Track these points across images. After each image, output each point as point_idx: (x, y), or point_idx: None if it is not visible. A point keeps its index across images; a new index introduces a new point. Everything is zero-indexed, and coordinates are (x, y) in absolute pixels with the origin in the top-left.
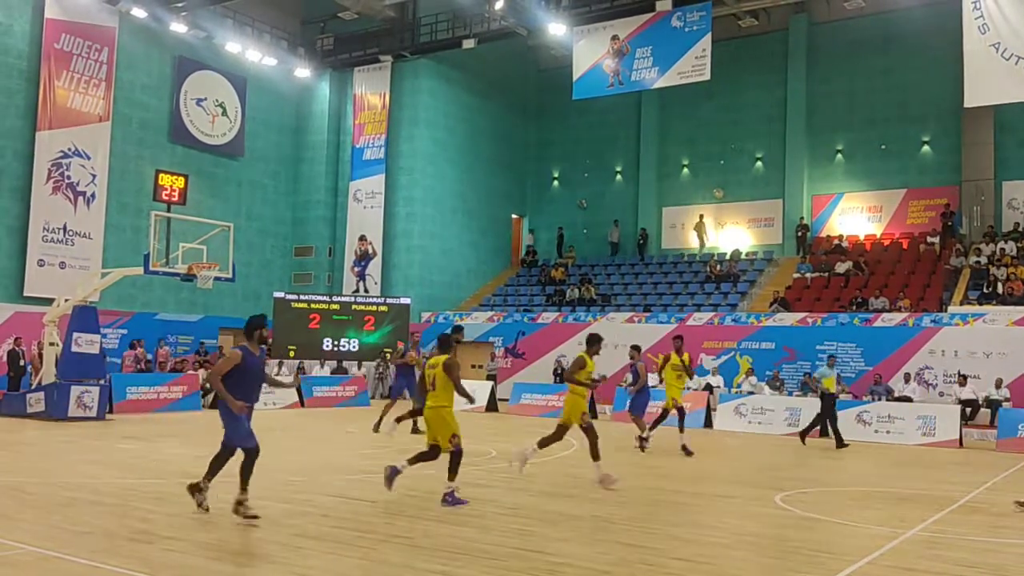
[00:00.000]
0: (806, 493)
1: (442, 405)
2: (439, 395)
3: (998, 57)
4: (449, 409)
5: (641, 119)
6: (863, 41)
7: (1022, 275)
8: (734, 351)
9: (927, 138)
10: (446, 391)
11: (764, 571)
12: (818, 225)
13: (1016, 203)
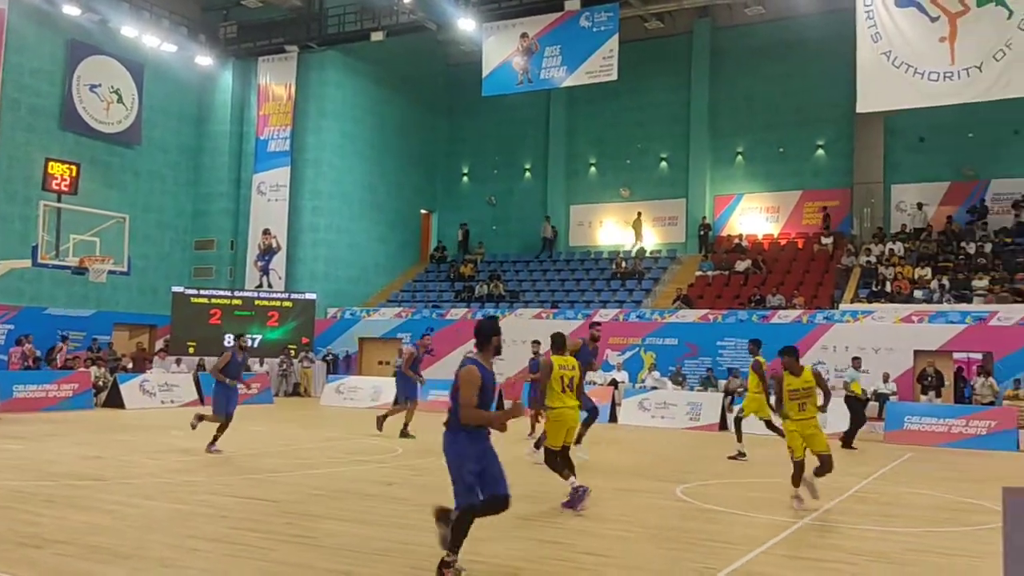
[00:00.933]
0: (707, 485)
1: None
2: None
3: (889, 65)
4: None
5: (550, 117)
6: (763, 47)
7: (908, 274)
8: (639, 347)
9: (822, 142)
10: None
11: (668, 563)
12: (719, 224)
13: (904, 205)
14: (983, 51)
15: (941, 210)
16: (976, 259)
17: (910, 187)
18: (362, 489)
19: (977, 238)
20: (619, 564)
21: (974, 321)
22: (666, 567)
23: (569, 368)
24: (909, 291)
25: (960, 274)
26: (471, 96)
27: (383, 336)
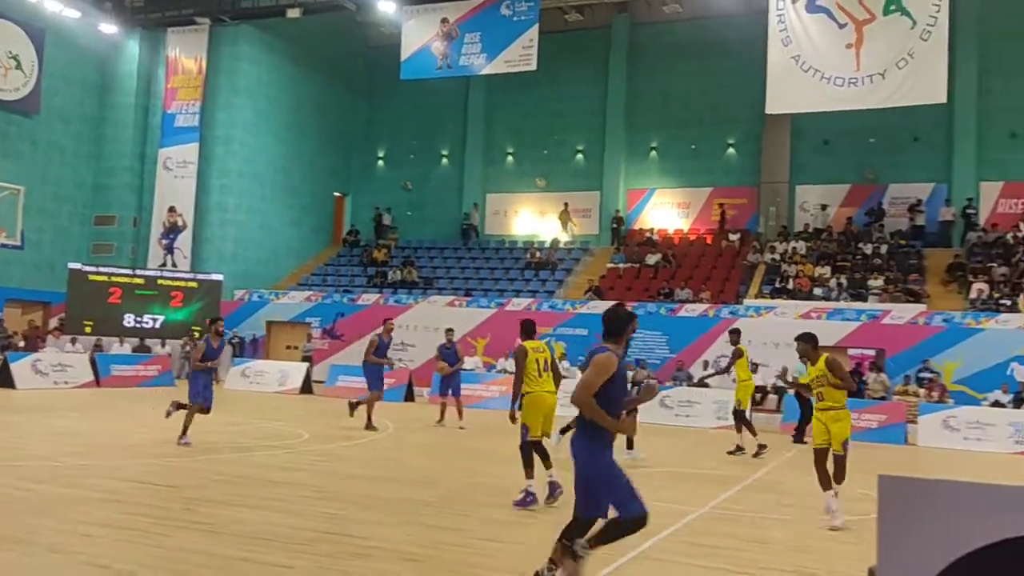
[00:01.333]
0: None
1: (547, 390)
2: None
3: (798, 69)
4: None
5: (469, 104)
6: (680, 45)
7: (810, 272)
8: (550, 336)
9: (733, 141)
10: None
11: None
12: (632, 218)
13: (807, 205)
14: (887, 59)
15: (842, 211)
16: (872, 260)
17: (814, 188)
18: (266, 475)
19: (874, 239)
20: (518, 549)
21: (868, 319)
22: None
23: (541, 351)
24: (809, 288)
25: (857, 273)
26: (389, 79)
27: (292, 320)
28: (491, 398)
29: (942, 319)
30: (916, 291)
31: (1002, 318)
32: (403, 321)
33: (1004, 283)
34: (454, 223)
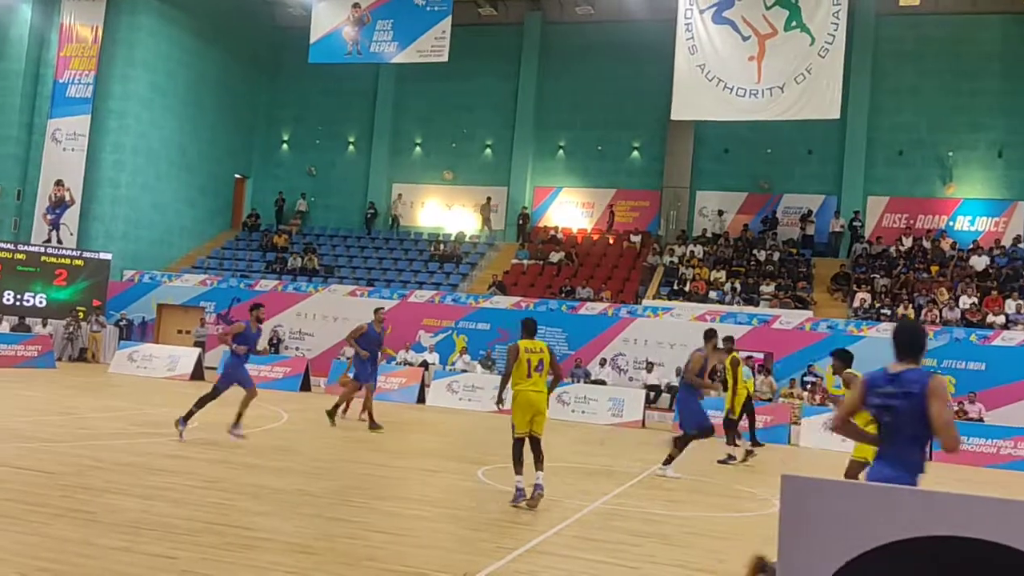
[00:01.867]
0: (506, 468)
1: (536, 389)
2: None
3: (703, 77)
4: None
5: (378, 91)
6: (590, 46)
7: (705, 276)
8: (451, 330)
9: (637, 144)
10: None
11: (461, 542)
12: (538, 215)
13: (706, 211)
14: (786, 73)
15: (738, 218)
16: (765, 266)
17: (713, 194)
18: (150, 463)
19: (767, 247)
20: (412, 543)
21: (759, 323)
22: (459, 546)
23: (537, 351)
24: (705, 291)
25: (750, 279)
26: (296, 61)
27: (184, 304)
28: (391, 390)
29: (827, 326)
30: (804, 298)
31: (882, 327)
32: (302, 309)
33: (885, 294)
34: (358, 211)
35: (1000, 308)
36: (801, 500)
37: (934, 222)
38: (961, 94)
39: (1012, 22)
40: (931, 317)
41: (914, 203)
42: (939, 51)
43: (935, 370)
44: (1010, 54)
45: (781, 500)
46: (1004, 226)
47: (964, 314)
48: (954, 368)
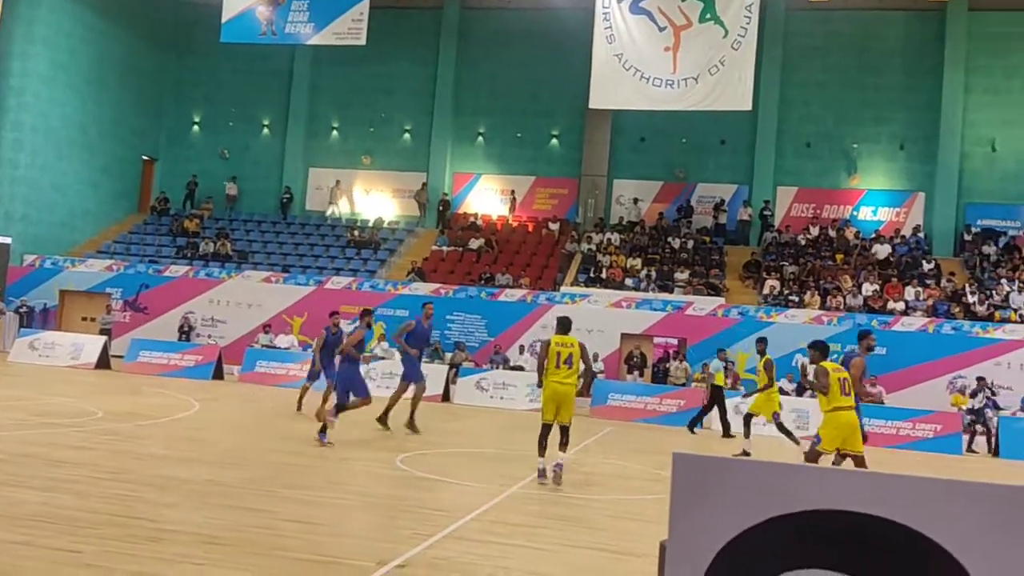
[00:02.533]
0: (425, 455)
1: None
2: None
3: (620, 67)
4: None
5: (294, 74)
6: (509, 32)
7: (622, 263)
8: None
9: (556, 132)
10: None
11: (378, 530)
12: (458, 201)
13: (623, 200)
14: (701, 64)
15: (654, 207)
16: (680, 254)
17: (629, 183)
18: (51, 454)
19: (682, 235)
20: (326, 531)
21: (674, 309)
22: (375, 533)
23: (567, 346)
24: (621, 279)
25: (665, 266)
26: (208, 40)
27: (89, 290)
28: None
29: (738, 312)
30: (716, 285)
31: (790, 313)
32: (214, 296)
33: (794, 281)
34: (273, 195)
35: (900, 295)
36: (691, 477)
37: (839, 212)
38: (866, 88)
39: (915, 19)
40: (835, 304)
41: (821, 193)
42: (845, 46)
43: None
44: (912, 50)
45: (672, 478)
46: (905, 216)
47: (866, 301)
48: None
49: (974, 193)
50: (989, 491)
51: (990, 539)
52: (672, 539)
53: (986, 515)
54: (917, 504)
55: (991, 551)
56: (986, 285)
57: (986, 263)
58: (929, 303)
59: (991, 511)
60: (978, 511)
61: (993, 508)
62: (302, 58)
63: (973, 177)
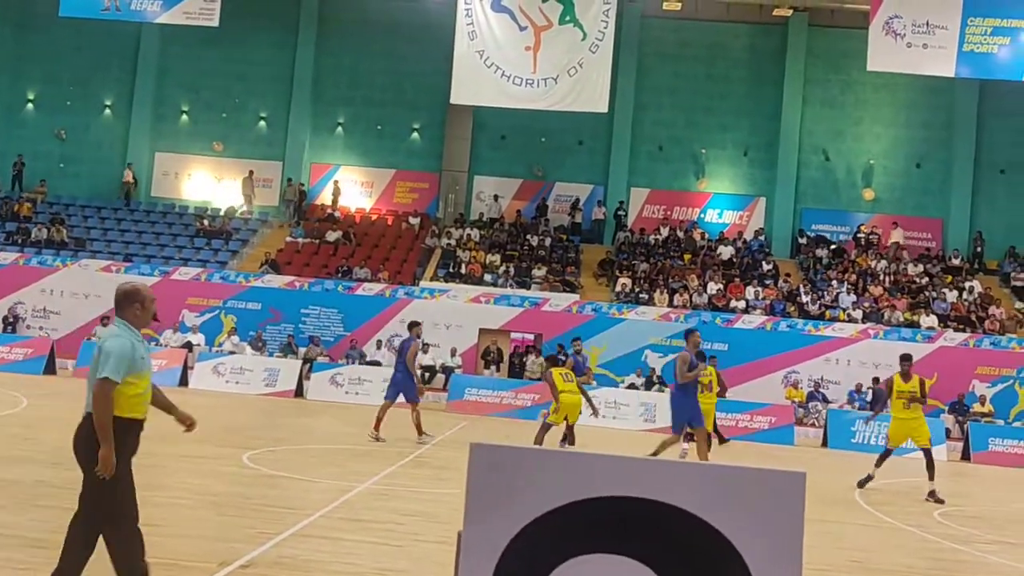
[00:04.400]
0: (274, 451)
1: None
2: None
3: (481, 63)
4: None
5: (140, 54)
6: (370, 22)
7: (481, 259)
8: (219, 309)
9: (417, 126)
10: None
11: (224, 529)
12: (315, 192)
13: (483, 196)
14: (560, 65)
15: (513, 204)
16: (537, 251)
17: (490, 179)
18: None
19: (540, 232)
20: (166, 533)
21: (531, 305)
22: (221, 533)
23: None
24: (480, 274)
25: (523, 263)
26: (46, 14)
27: None
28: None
29: (592, 308)
30: (572, 282)
31: (641, 310)
32: (47, 285)
33: (644, 279)
34: (115, 180)
35: (742, 294)
36: (487, 467)
37: (688, 214)
38: (713, 96)
39: (759, 32)
40: (682, 301)
41: (671, 195)
42: (695, 55)
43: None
44: (756, 62)
45: (468, 468)
46: (747, 219)
47: (711, 299)
48: (702, 349)
49: (809, 199)
50: (756, 475)
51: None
52: (467, 529)
53: (754, 497)
54: (694, 489)
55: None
56: (818, 286)
57: (819, 265)
58: (767, 302)
59: (758, 493)
60: (747, 494)
61: (760, 491)
62: (150, 37)
63: (809, 184)
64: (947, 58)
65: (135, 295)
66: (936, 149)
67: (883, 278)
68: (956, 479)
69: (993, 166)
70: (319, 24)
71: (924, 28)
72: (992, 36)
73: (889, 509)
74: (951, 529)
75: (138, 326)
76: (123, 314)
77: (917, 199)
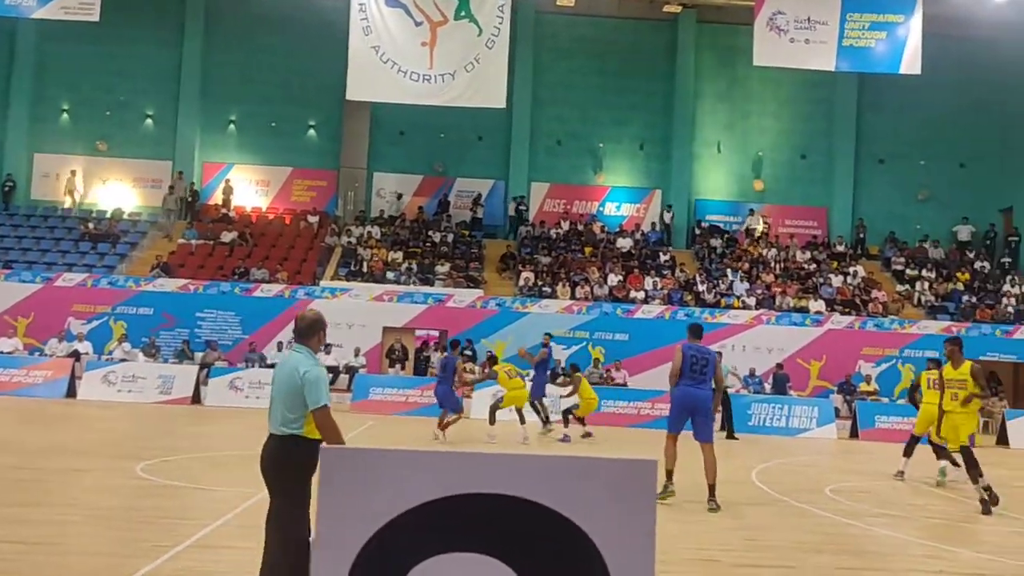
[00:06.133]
0: (169, 461)
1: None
2: None
3: (377, 59)
4: None
5: (16, 50)
6: (261, 17)
7: (383, 257)
8: (108, 316)
9: (313, 122)
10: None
11: (116, 544)
12: (208, 192)
13: (383, 193)
14: (457, 61)
15: (415, 200)
16: (440, 247)
17: (390, 176)
18: None
19: (442, 228)
20: (53, 551)
21: (435, 302)
22: (114, 549)
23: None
24: (383, 272)
25: (426, 259)
26: None
27: None
28: (33, 385)
29: (496, 303)
30: (475, 277)
31: (544, 303)
32: None
33: (547, 273)
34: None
35: (641, 285)
36: (338, 471)
37: (587, 207)
38: (608, 91)
39: (651, 28)
40: (584, 294)
41: (571, 190)
42: (590, 51)
43: (589, 341)
44: (647, 57)
45: (319, 473)
46: (644, 211)
47: (612, 290)
48: (603, 339)
49: (703, 191)
50: (608, 465)
51: (610, 509)
52: (320, 534)
53: (607, 487)
54: (547, 482)
55: (612, 520)
56: (713, 275)
57: (713, 255)
58: (665, 292)
59: (611, 483)
60: (599, 484)
61: (610, 480)
62: (26, 33)
63: (702, 176)
64: (828, 52)
65: (320, 324)
66: (819, 141)
67: (774, 265)
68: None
69: (872, 156)
70: (206, 19)
71: (806, 24)
72: (870, 31)
73: (783, 488)
74: (841, 505)
75: (316, 352)
76: (308, 342)
77: (803, 189)
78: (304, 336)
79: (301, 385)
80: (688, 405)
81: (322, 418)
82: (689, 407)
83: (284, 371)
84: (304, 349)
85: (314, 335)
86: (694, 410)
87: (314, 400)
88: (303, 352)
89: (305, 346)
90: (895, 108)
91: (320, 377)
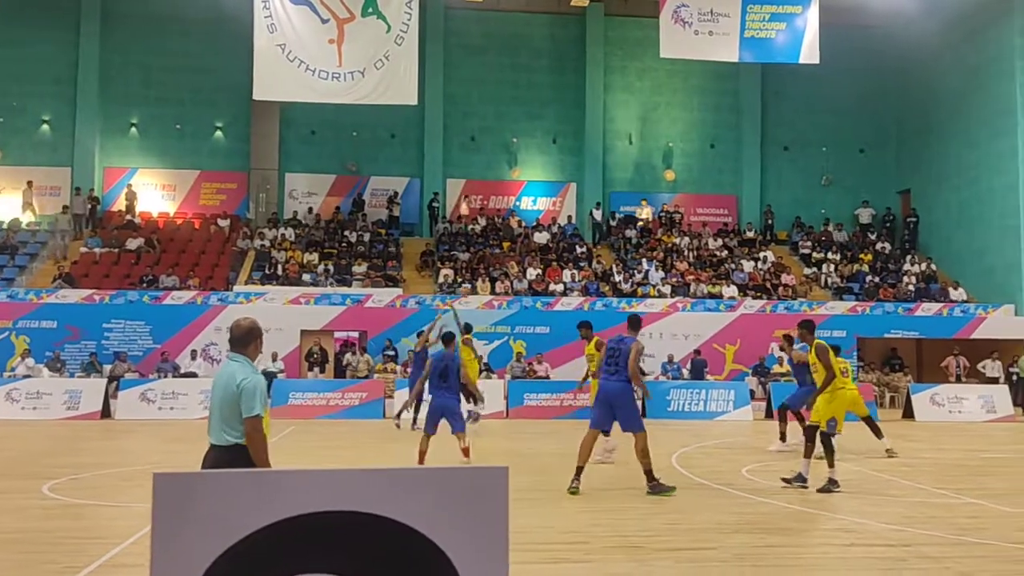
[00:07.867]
0: (78, 479)
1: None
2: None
3: (284, 58)
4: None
5: None
6: (159, 16)
7: (299, 259)
8: (9, 330)
9: (220, 124)
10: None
11: (22, 568)
12: (110, 199)
13: (296, 194)
14: (366, 58)
15: (329, 200)
16: (356, 247)
17: (302, 176)
18: None
19: (358, 228)
20: None
21: (353, 303)
22: (21, 573)
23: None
24: (298, 274)
25: (343, 260)
26: None
27: None
28: None
29: (415, 301)
30: (394, 276)
31: (464, 300)
32: None
33: (466, 269)
34: None
35: (559, 277)
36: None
37: (504, 202)
38: (519, 86)
39: (559, 23)
40: (504, 288)
41: (487, 185)
42: (500, 46)
43: (511, 335)
44: (558, 51)
45: (153, 500)
46: (560, 205)
47: (531, 284)
48: (524, 333)
49: (616, 183)
50: (457, 475)
51: (460, 519)
52: (155, 564)
53: (457, 497)
54: (395, 496)
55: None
56: (629, 265)
57: (628, 245)
58: (583, 284)
59: (461, 493)
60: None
61: (459, 490)
62: None
63: (615, 168)
64: (731, 44)
65: (256, 331)
66: (727, 130)
67: (687, 253)
68: (761, 437)
69: (778, 144)
70: (103, 18)
71: (709, 16)
72: (770, 22)
73: (702, 471)
74: (758, 484)
75: (254, 360)
76: (244, 350)
77: (713, 178)
78: (240, 344)
79: (238, 395)
80: (602, 398)
81: (251, 428)
82: (603, 400)
83: (221, 381)
84: (240, 358)
85: (251, 343)
86: (610, 403)
87: (247, 408)
88: (240, 361)
89: (242, 355)
90: (798, 97)
91: (256, 386)
